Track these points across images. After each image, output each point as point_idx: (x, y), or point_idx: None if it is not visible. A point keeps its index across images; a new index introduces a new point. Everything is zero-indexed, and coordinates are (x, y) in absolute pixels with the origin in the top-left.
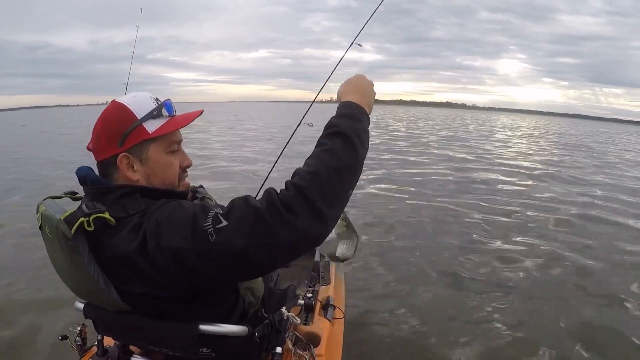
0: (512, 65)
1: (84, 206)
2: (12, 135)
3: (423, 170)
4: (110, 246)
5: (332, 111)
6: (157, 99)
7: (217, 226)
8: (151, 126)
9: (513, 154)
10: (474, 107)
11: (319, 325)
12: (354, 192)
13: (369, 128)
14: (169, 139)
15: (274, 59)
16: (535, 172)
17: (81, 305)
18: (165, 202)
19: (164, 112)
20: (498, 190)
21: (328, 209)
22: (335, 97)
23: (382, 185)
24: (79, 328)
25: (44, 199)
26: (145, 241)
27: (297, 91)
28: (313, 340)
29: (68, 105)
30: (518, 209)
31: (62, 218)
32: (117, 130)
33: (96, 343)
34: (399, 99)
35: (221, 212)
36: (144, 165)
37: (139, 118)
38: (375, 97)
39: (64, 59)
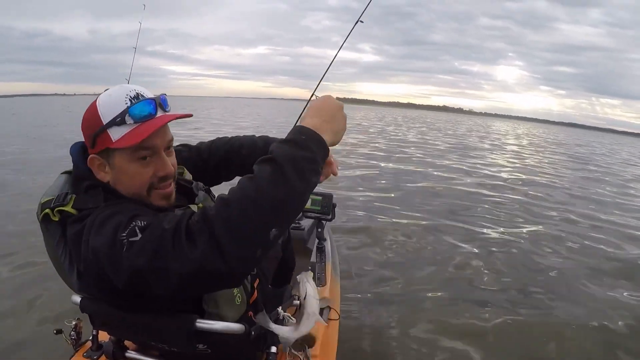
0: (510, 72)
1: (55, 198)
2: None
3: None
4: (67, 232)
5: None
6: (132, 99)
7: (131, 239)
8: (115, 134)
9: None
10: (470, 112)
11: (314, 326)
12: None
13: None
14: (136, 146)
15: (272, 56)
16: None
17: (77, 299)
18: (117, 202)
19: (128, 119)
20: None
21: (231, 245)
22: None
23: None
24: (73, 322)
25: (62, 173)
26: (81, 233)
27: (295, 89)
28: (308, 340)
29: (65, 94)
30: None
31: (41, 202)
32: (87, 132)
33: (91, 338)
34: (395, 100)
35: (141, 225)
36: (113, 170)
37: (103, 123)
38: (373, 99)
39: (63, 47)
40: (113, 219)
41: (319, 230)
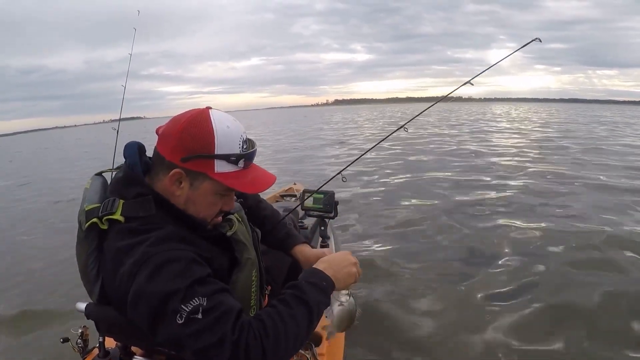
0: (503, 54)
1: (102, 206)
2: None
3: None
4: (110, 240)
5: (331, 111)
6: (245, 142)
7: (191, 316)
8: (220, 167)
9: None
10: (470, 100)
11: (320, 324)
12: None
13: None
14: (227, 186)
15: (266, 65)
16: None
17: (82, 306)
18: (168, 237)
19: (241, 163)
20: None
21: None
22: (329, 99)
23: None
24: (80, 330)
25: (96, 174)
26: (128, 252)
27: (293, 96)
28: (314, 339)
29: (65, 127)
30: None
31: (85, 209)
32: (189, 146)
33: (97, 345)
34: (394, 96)
35: (204, 304)
36: (191, 190)
37: (215, 153)
38: (372, 97)
39: (58, 80)
40: (171, 268)
41: (322, 228)
